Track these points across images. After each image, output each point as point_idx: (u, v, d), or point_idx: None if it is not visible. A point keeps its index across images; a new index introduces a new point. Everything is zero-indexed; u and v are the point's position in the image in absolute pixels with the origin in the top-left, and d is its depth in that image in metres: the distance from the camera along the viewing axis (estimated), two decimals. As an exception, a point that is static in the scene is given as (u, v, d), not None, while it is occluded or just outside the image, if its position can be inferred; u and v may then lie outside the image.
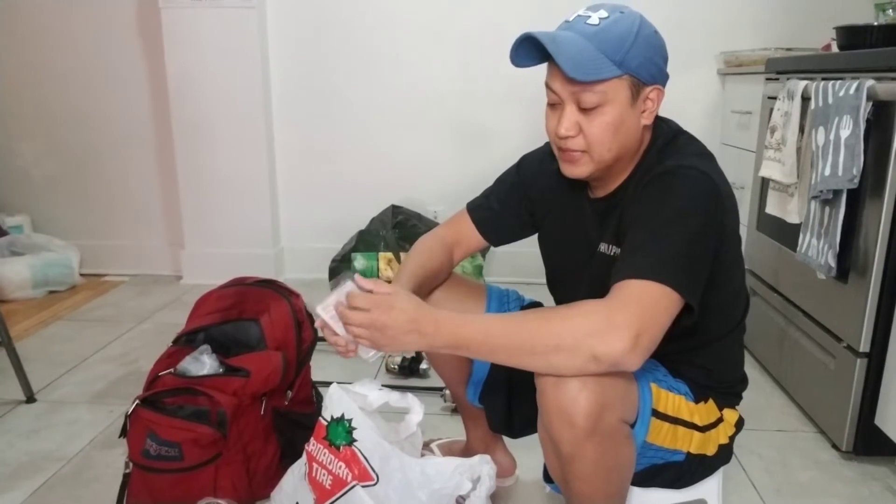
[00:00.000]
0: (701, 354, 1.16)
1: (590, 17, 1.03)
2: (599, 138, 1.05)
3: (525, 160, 1.32)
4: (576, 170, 1.10)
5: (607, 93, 1.01)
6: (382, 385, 1.22)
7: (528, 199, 1.29)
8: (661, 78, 1.06)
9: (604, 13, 1.03)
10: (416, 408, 1.18)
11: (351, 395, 1.19)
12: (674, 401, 1.10)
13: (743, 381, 1.24)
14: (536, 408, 1.04)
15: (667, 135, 1.11)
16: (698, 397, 1.15)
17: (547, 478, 1.14)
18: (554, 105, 1.08)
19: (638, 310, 0.93)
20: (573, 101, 1.04)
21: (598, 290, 0.99)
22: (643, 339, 0.92)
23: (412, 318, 0.99)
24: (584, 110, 1.04)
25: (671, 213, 1.00)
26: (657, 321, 0.94)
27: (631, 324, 0.92)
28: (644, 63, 1.02)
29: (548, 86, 1.07)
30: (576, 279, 1.21)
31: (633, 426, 1.04)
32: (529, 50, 1.04)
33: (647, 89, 1.05)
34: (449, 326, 0.99)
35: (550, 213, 1.27)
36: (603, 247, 1.15)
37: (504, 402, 1.33)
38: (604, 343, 0.92)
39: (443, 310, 1.02)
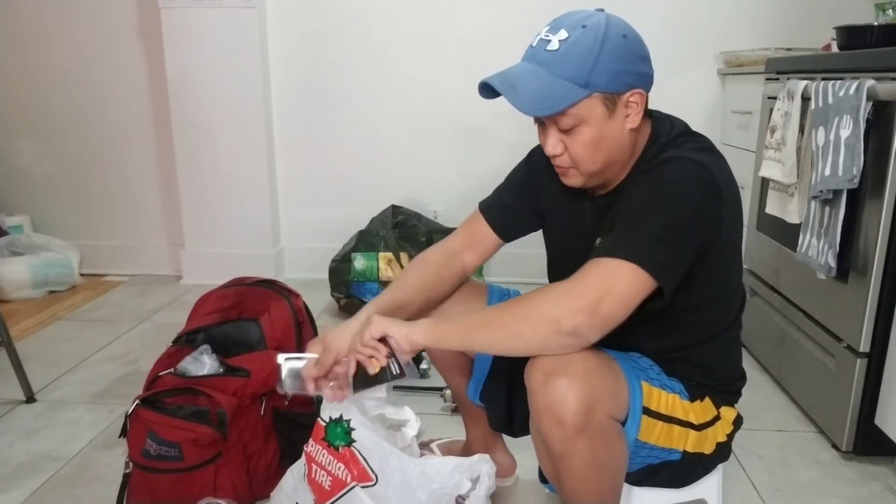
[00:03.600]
0: (698, 352, 1.16)
1: (550, 40, 1.01)
2: (582, 156, 1.06)
3: (535, 153, 1.31)
4: (569, 181, 1.13)
5: (579, 114, 1.02)
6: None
7: (537, 191, 1.29)
8: (639, 82, 1.04)
9: (564, 33, 1.00)
10: (412, 422, 1.18)
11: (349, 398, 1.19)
12: (667, 399, 1.10)
13: (741, 379, 1.24)
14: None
15: (669, 133, 1.11)
16: (693, 396, 1.14)
17: (542, 478, 1.15)
18: (540, 123, 1.09)
19: (597, 280, 0.97)
20: (552, 123, 1.05)
21: None
22: (603, 306, 0.95)
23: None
24: (564, 131, 1.05)
25: (656, 199, 1.01)
26: (618, 291, 0.96)
27: (588, 292, 0.96)
28: (614, 77, 1.01)
29: None
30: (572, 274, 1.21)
31: (623, 424, 1.04)
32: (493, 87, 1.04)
33: (624, 97, 1.03)
34: (427, 322, 1.08)
35: (554, 207, 1.27)
36: (598, 242, 1.15)
37: (504, 400, 1.33)
38: (563, 309, 0.96)
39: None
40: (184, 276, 3.06)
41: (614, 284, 0.96)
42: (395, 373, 1.09)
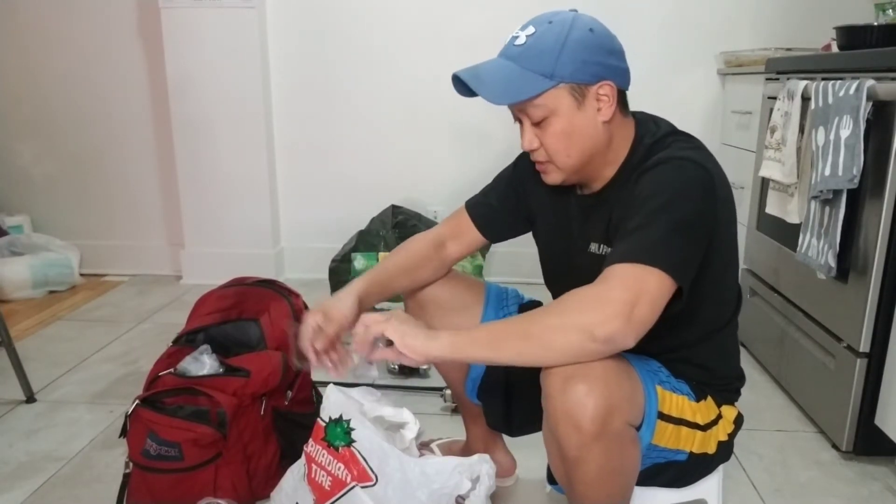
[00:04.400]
0: (697, 352, 1.16)
1: (518, 37, 1.05)
2: (555, 148, 1.08)
3: (523, 157, 1.32)
4: (548, 178, 1.14)
5: (548, 104, 1.04)
6: (381, 387, 1.22)
7: (524, 194, 1.29)
8: (608, 73, 1.05)
9: (531, 29, 1.04)
10: (410, 424, 1.18)
11: (348, 398, 1.19)
12: (677, 402, 1.10)
13: (740, 378, 1.24)
14: (535, 406, 1.04)
15: (655, 133, 1.11)
16: (699, 396, 1.15)
17: (550, 479, 1.14)
18: (518, 121, 1.11)
19: (628, 285, 0.94)
20: (525, 117, 1.08)
21: None
22: (637, 311, 0.93)
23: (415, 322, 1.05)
24: (536, 124, 1.07)
25: (661, 201, 1.00)
26: (648, 296, 0.94)
27: (622, 297, 0.93)
28: (580, 67, 1.02)
29: (507, 106, 1.09)
30: (569, 276, 1.21)
31: (638, 429, 1.04)
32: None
33: (593, 89, 1.05)
34: (446, 334, 1.02)
35: (541, 209, 1.28)
36: (594, 247, 1.15)
37: (502, 398, 1.33)
38: (598, 317, 0.93)
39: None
40: (184, 276, 3.06)
41: (644, 289, 0.94)
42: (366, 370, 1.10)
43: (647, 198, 1.01)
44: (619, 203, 1.08)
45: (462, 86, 1.09)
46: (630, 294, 0.93)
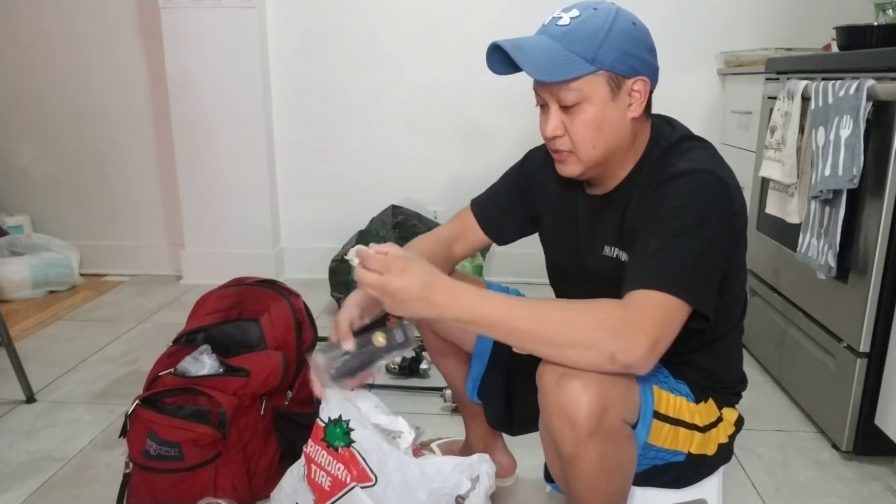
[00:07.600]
0: (701, 356, 1.16)
1: (561, 17, 1.04)
2: (582, 137, 1.05)
3: (530, 155, 1.32)
4: (566, 169, 1.11)
5: (584, 90, 1.02)
6: (381, 387, 1.21)
7: (529, 194, 1.29)
8: (644, 69, 1.05)
9: (575, 12, 1.03)
10: (405, 434, 1.18)
11: (346, 399, 1.19)
12: (675, 402, 1.10)
13: (742, 381, 1.24)
14: (535, 405, 1.04)
15: (670, 136, 1.10)
16: (699, 398, 1.15)
17: (548, 477, 1.14)
18: (542, 107, 1.09)
19: (658, 318, 0.94)
20: (555, 100, 1.05)
21: (603, 290, 0.99)
22: (659, 346, 0.94)
23: (424, 283, 0.95)
24: (565, 109, 1.05)
25: (687, 221, 0.99)
26: (672, 330, 0.95)
27: (652, 332, 0.93)
28: (620, 57, 1.02)
29: (534, 88, 1.08)
30: (576, 277, 1.21)
31: (634, 427, 1.04)
32: (503, 57, 1.04)
33: (628, 82, 1.04)
34: (467, 299, 0.96)
35: (548, 208, 1.27)
36: (607, 250, 1.15)
37: (502, 398, 1.33)
38: (624, 346, 0.92)
39: (463, 282, 0.99)
40: (184, 276, 3.06)
41: (672, 324, 0.95)
42: (399, 340, 1.06)
43: (669, 216, 1.00)
44: (634, 207, 1.08)
45: (495, 60, 1.06)
46: (660, 330, 0.94)
